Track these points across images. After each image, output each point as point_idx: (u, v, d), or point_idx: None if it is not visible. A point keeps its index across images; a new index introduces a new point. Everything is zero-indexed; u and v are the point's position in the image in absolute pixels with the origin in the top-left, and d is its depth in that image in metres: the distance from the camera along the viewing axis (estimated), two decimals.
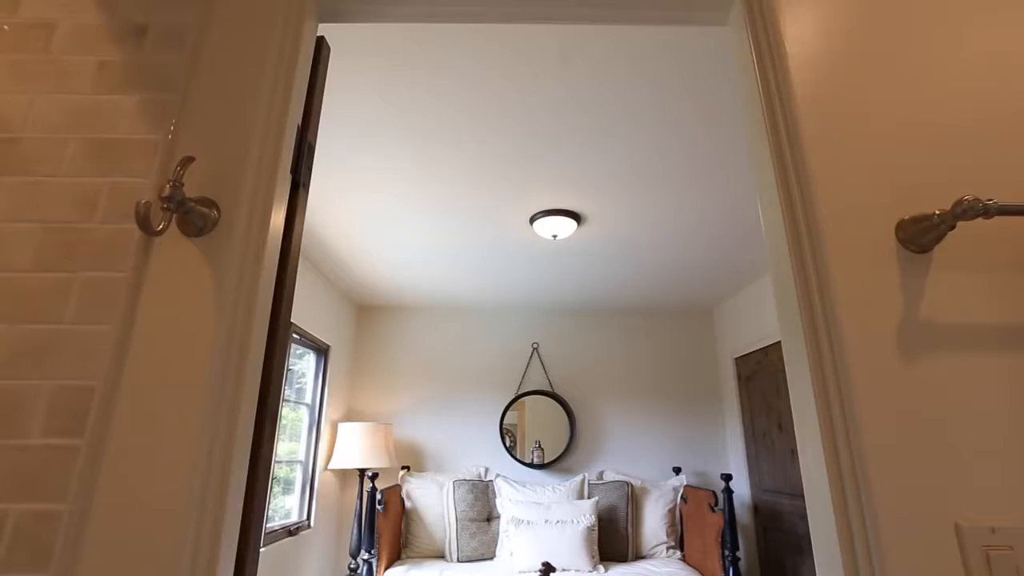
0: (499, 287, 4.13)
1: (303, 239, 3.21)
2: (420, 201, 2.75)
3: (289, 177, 0.86)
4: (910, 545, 0.58)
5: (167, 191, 0.65)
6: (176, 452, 0.62)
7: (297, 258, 0.91)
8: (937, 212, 0.67)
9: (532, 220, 2.90)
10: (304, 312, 3.54)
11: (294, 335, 3.44)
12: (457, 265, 3.65)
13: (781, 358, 3.66)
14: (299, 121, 0.90)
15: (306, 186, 0.94)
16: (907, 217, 0.72)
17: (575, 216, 2.85)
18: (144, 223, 0.61)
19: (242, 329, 0.69)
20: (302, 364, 3.84)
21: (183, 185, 0.67)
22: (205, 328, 0.67)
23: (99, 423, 0.63)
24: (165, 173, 0.74)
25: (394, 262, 3.61)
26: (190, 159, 0.68)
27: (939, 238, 0.69)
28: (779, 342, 3.70)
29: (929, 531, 0.60)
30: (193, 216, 0.70)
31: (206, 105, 0.79)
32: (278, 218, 0.80)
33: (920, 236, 0.70)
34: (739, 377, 4.32)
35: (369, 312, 4.70)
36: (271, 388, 0.78)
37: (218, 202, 0.73)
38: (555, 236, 2.93)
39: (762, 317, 3.91)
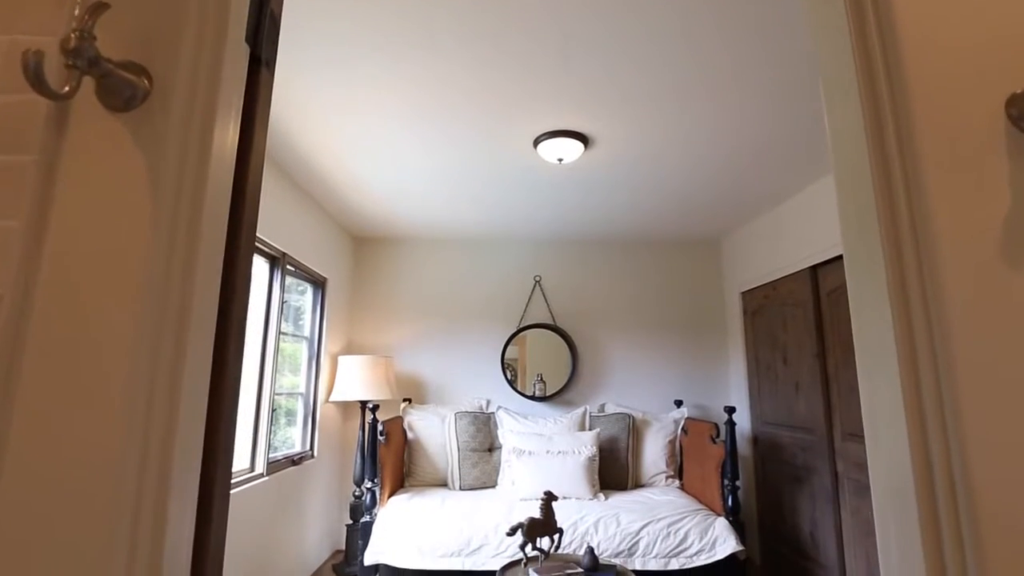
0: (501, 217, 3.96)
1: (295, 166, 3.01)
2: (417, 123, 2.55)
3: (245, 48, 0.70)
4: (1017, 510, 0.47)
5: (72, 43, 0.49)
6: (108, 373, 0.50)
7: (263, 154, 0.76)
8: None
9: (536, 143, 2.70)
10: (299, 244, 3.41)
11: (289, 267, 3.31)
12: (457, 193, 3.47)
13: (790, 292, 3.56)
14: None
15: (270, 65, 0.77)
16: (1022, 91, 0.57)
17: (582, 138, 2.65)
18: (37, 81, 0.46)
19: (188, 226, 0.56)
20: (302, 298, 3.75)
21: (94, 39, 0.51)
22: (138, 222, 0.53)
23: (7, 340, 0.51)
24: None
25: (391, 191, 3.42)
26: (102, 5, 0.52)
27: None
28: (788, 276, 3.59)
29: None
30: (116, 83, 0.55)
31: None
32: (231, 95, 0.64)
33: None
34: (745, 311, 4.23)
35: (367, 244, 4.56)
36: (234, 303, 0.66)
37: (149, 68, 0.58)
38: (560, 160, 2.74)
39: (773, 249, 3.77)
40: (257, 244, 2.91)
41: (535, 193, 3.45)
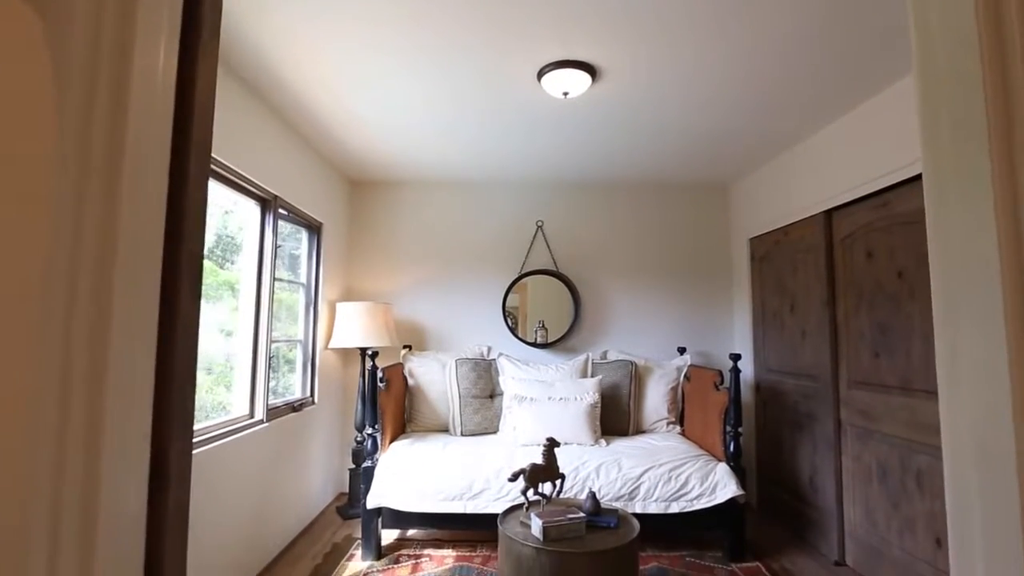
0: (502, 158, 3.79)
1: (285, 102, 2.82)
2: (414, 56, 2.35)
3: None
4: None
5: None
6: (5, 316, 0.40)
7: (215, 57, 0.63)
8: None
9: (541, 75, 2.51)
10: (292, 187, 3.26)
11: (282, 211, 3.18)
12: (457, 131, 3.29)
13: (802, 237, 3.43)
14: None
15: None
16: None
17: (589, 70, 2.46)
18: None
19: (108, 136, 0.45)
20: (299, 247, 3.63)
21: None
22: (39, 125, 0.42)
23: None
24: None
25: (388, 128, 3.24)
26: None
27: None
28: (800, 221, 3.46)
29: None
30: None
31: None
32: None
33: None
34: (752, 258, 4.13)
35: (363, 188, 4.40)
36: (185, 233, 0.55)
37: None
38: (566, 94, 2.56)
39: (785, 194, 3.62)
40: (246, 185, 2.77)
41: (538, 132, 3.27)
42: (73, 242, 0.41)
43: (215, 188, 2.72)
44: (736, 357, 3.18)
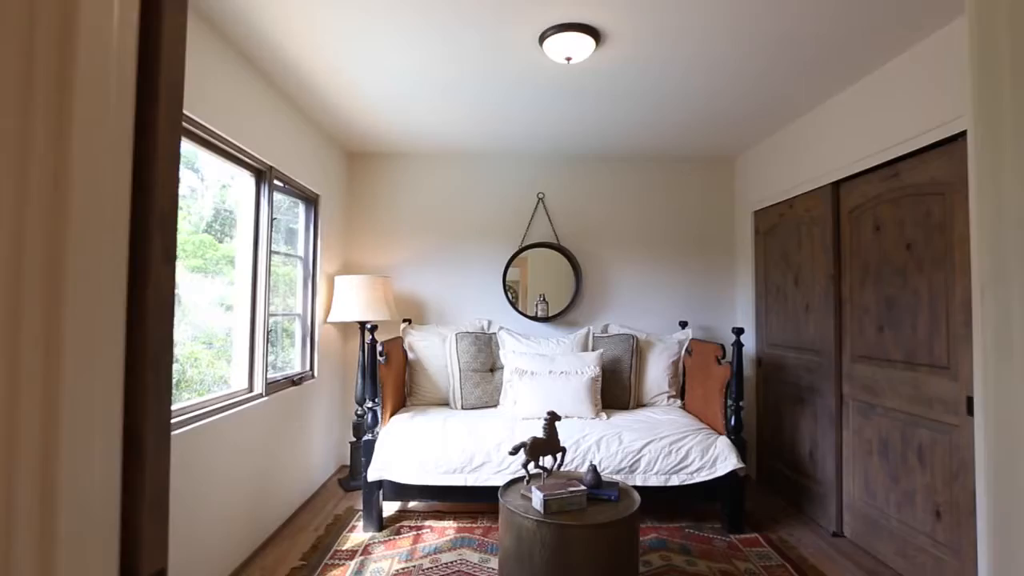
0: (502, 128, 3.69)
1: (278, 70, 2.73)
2: (409, 14, 2.25)
3: None
4: None
5: None
6: None
7: None
8: None
9: (543, 39, 2.42)
10: (288, 158, 3.19)
11: (277, 182, 3.11)
12: (455, 98, 3.19)
13: (807, 209, 3.37)
14: None
15: None
16: None
17: (593, 33, 2.37)
18: None
19: (56, 74, 0.39)
20: (296, 221, 3.57)
21: None
22: None
23: None
24: None
25: (383, 96, 3.15)
26: None
27: None
28: (807, 193, 3.38)
29: None
30: None
31: None
32: None
33: None
34: (757, 231, 4.06)
35: (361, 159, 4.31)
36: (155, 187, 0.51)
37: None
38: (569, 59, 2.46)
39: (792, 165, 3.54)
40: (240, 156, 2.70)
41: (539, 100, 3.18)
42: (16, 191, 0.36)
43: (210, 160, 2.65)
44: (739, 331, 3.14)
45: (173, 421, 2.13)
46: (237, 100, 2.61)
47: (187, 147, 2.47)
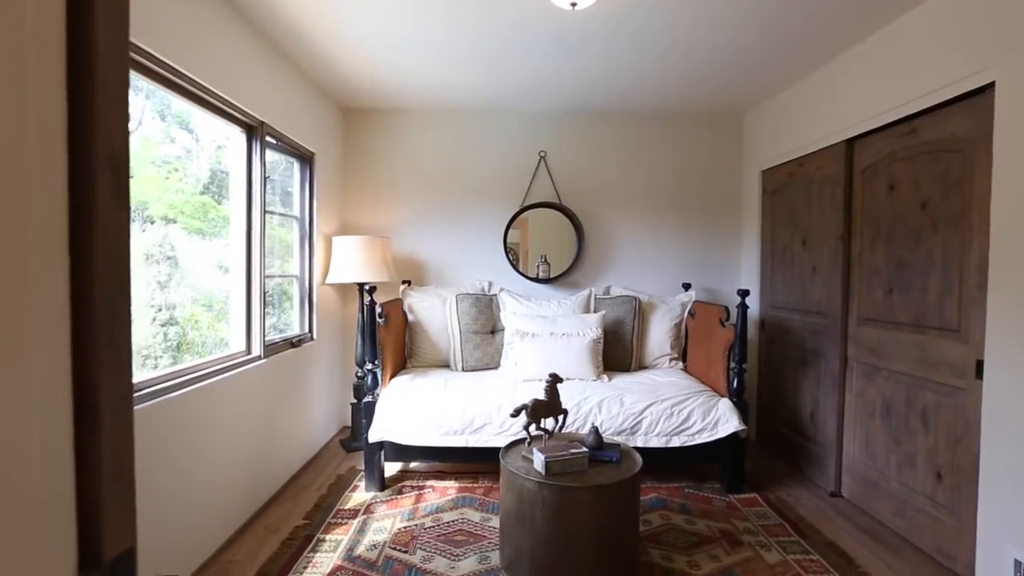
0: (503, 83, 3.54)
1: (269, 21, 2.58)
2: None
3: None
4: None
5: None
6: None
7: None
8: None
9: None
10: (281, 114, 3.06)
11: (270, 139, 3.00)
12: (453, 47, 3.04)
13: (819, 167, 3.26)
14: None
15: None
16: None
17: None
18: None
19: None
20: (291, 181, 3.47)
21: None
22: None
23: None
24: None
25: (377, 44, 3.00)
26: None
27: None
28: (818, 151, 3.25)
29: None
30: None
31: None
32: None
33: None
34: (764, 191, 3.96)
35: (357, 116, 4.17)
36: (97, 122, 0.44)
37: None
38: (574, 4, 2.32)
39: (804, 121, 3.41)
40: (229, 111, 2.59)
41: (539, 50, 3.03)
42: None
43: (204, 119, 2.54)
44: (744, 293, 3.09)
45: (171, 383, 2.10)
46: (227, 53, 2.49)
47: (180, 105, 2.39)
